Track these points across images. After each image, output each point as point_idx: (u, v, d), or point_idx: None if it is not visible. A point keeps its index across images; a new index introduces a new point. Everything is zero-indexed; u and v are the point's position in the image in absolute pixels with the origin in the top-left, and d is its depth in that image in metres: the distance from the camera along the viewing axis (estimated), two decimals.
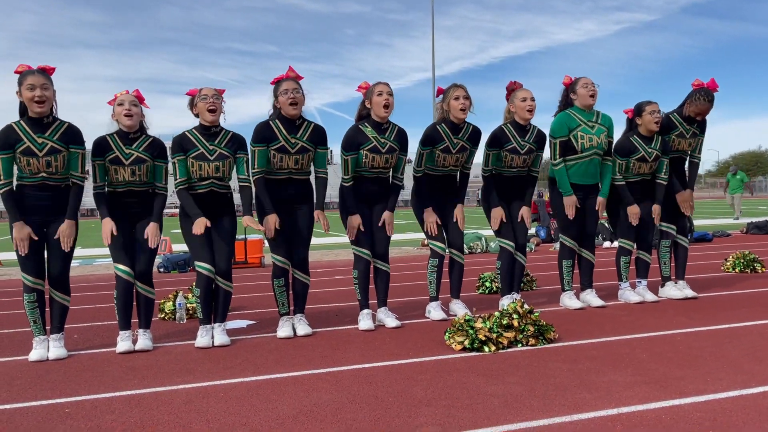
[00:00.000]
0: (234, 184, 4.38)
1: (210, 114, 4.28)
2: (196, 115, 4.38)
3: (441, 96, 4.92)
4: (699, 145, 5.52)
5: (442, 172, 4.94)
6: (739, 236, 12.60)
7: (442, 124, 4.85)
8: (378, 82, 4.66)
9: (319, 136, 4.53)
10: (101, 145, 4.21)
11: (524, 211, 5.13)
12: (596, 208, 5.21)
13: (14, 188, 4.01)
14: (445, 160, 4.87)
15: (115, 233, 4.13)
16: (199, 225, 4.17)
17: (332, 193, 56.75)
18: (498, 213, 5.05)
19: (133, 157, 4.21)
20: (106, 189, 4.29)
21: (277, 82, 4.48)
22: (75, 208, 4.08)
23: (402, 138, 4.72)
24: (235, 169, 4.44)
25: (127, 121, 4.19)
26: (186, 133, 4.35)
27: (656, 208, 5.38)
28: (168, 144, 4.42)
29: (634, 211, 5.26)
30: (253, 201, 4.46)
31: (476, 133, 4.94)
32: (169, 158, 4.36)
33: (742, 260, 7.16)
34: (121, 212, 4.26)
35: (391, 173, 4.81)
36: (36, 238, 3.97)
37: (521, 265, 5.23)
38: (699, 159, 5.61)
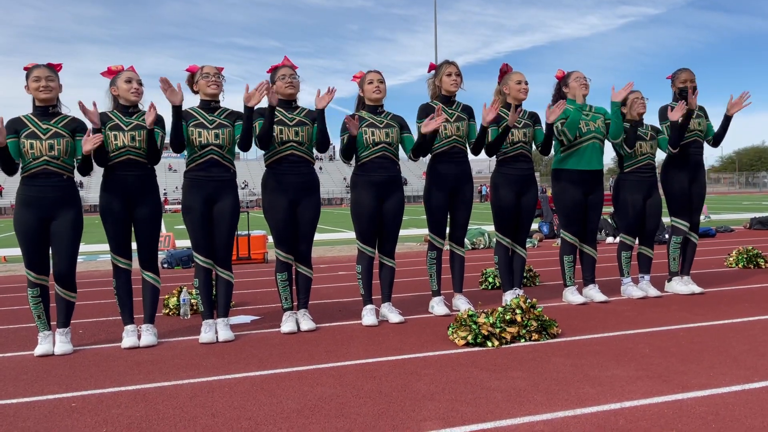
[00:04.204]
0: (236, 174, 4.39)
1: (211, 89, 4.34)
2: (196, 92, 4.44)
3: (433, 72, 5.00)
4: (708, 129, 5.55)
5: (447, 144, 4.92)
6: (742, 231, 12.59)
7: (435, 100, 4.96)
8: (369, 70, 4.77)
9: (314, 116, 4.60)
10: (102, 116, 4.22)
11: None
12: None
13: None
14: (446, 130, 4.89)
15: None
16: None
17: (334, 189, 57.03)
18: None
19: (133, 125, 4.24)
20: (105, 168, 4.30)
21: (274, 69, 4.60)
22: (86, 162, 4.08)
23: (398, 119, 4.84)
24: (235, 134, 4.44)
25: (133, 98, 4.26)
26: (188, 108, 4.40)
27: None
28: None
29: (680, 106, 5.17)
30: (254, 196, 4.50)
31: (468, 107, 5.03)
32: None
33: (745, 255, 7.16)
34: (119, 196, 4.21)
35: (408, 153, 4.81)
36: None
37: (521, 258, 5.24)
38: (712, 138, 5.58)
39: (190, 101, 4.48)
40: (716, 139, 5.54)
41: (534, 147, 5.23)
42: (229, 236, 4.40)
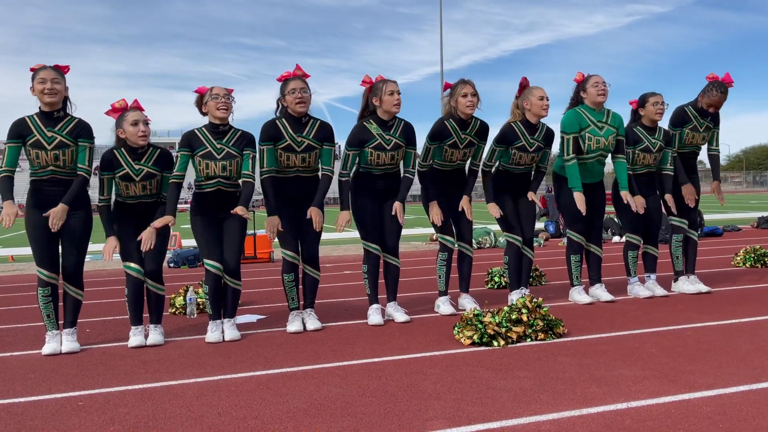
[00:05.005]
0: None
1: (221, 113, 4.28)
2: (204, 114, 4.39)
3: (448, 91, 4.91)
4: (715, 137, 5.53)
5: (450, 167, 4.96)
6: (749, 231, 12.53)
7: (450, 120, 4.83)
8: (386, 79, 4.60)
9: (325, 133, 4.53)
10: (111, 161, 4.24)
11: (530, 195, 5.14)
12: (625, 202, 5.13)
13: (12, 177, 4.02)
14: (452, 156, 4.88)
15: (117, 252, 4.21)
16: (145, 233, 4.18)
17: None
18: (494, 208, 5.06)
19: (144, 173, 4.25)
20: (117, 199, 4.35)
21: (284, 81, 4.47)
22: (73, 195, 4.04)
23: (408, 133, 4.69)
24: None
25: (141, 142, 4.23)
26: (195, 130, 4.36)
27: (669, 198, 5.37)
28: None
29: (639, 201, 5.18)
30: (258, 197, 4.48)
31: (484, 129, 4.94)
32: (174, 152, 4.38)
33: (753, 255, 7.12)
34: (129, 218, 4.32)
35: (401, 167, 4.81)
36: (22, 215, 3.98)
37: (529, 260, 5.23)
38: (718, 151, 5.61)
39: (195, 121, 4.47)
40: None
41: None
42: (237, 249, 4.39)
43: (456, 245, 5.04)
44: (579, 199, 5.04)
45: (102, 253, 4.22)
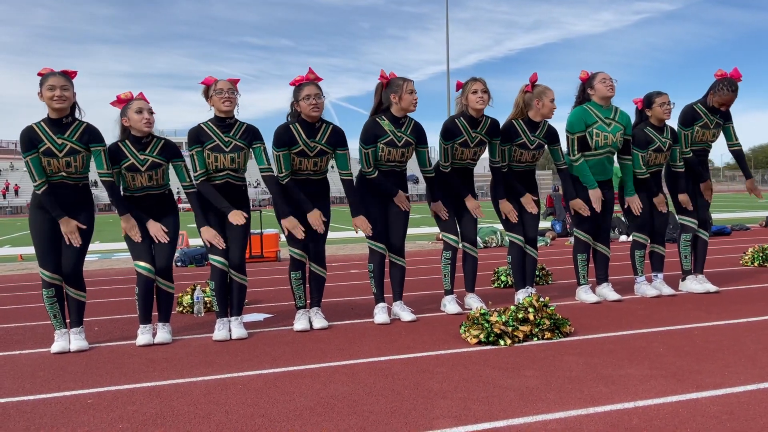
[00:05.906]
0: (249, 178, 4.39)
1: (225, 107, 4.31)
2: (211, 106, 4.42)
3: (460, 90, 4.92)
4: (731, 132, 5.48)
5: (459, 165, 4.95)
6: (758, 230, 12.47)
7: (461, 118, 4.86)
8: (406, 78, 4.63)
9: (337, 138, 4.55)
10: (117, 153, 4.26)
11: (577, 203, 5.09)
12: (625, 207, 5.18)
13: (50, 185, 4.06)
14: (462, 154, 4.89)
15: (140, 237, 4.23)
16: (234, 216, 4.27)
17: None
18: (506, 206, 5.04)
19: (149, 163, 4.26)
20: (125, 193, 4.37)
21: (299, 85, 4.47)
22: (120, 202, 4.21)
23: (418, 131, 4.72)
24: (254, 160, 4.51)
25: (145, 128, 4.24)
26: (201, 125, 4.39)
27: (683, 198, 5.39)
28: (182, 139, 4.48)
29: (660, 200, 5.30)
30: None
31: (494, 126, 4.95)
32: (185, 151, 4.39)
33: (761, 254, 7.09)
34: (137, 214, 4.33)
35: (419, 168, 4.83)
36: (84, 227, 4.09)
37: (533, 259, 5.22)
38: (739, 145, 5.55)
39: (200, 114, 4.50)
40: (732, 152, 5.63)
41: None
42: (242, 243, 4.41)
43: (460, 245, 5.05)
44: (595, 196, 5.03)
45: (155, 237, 4.26)
